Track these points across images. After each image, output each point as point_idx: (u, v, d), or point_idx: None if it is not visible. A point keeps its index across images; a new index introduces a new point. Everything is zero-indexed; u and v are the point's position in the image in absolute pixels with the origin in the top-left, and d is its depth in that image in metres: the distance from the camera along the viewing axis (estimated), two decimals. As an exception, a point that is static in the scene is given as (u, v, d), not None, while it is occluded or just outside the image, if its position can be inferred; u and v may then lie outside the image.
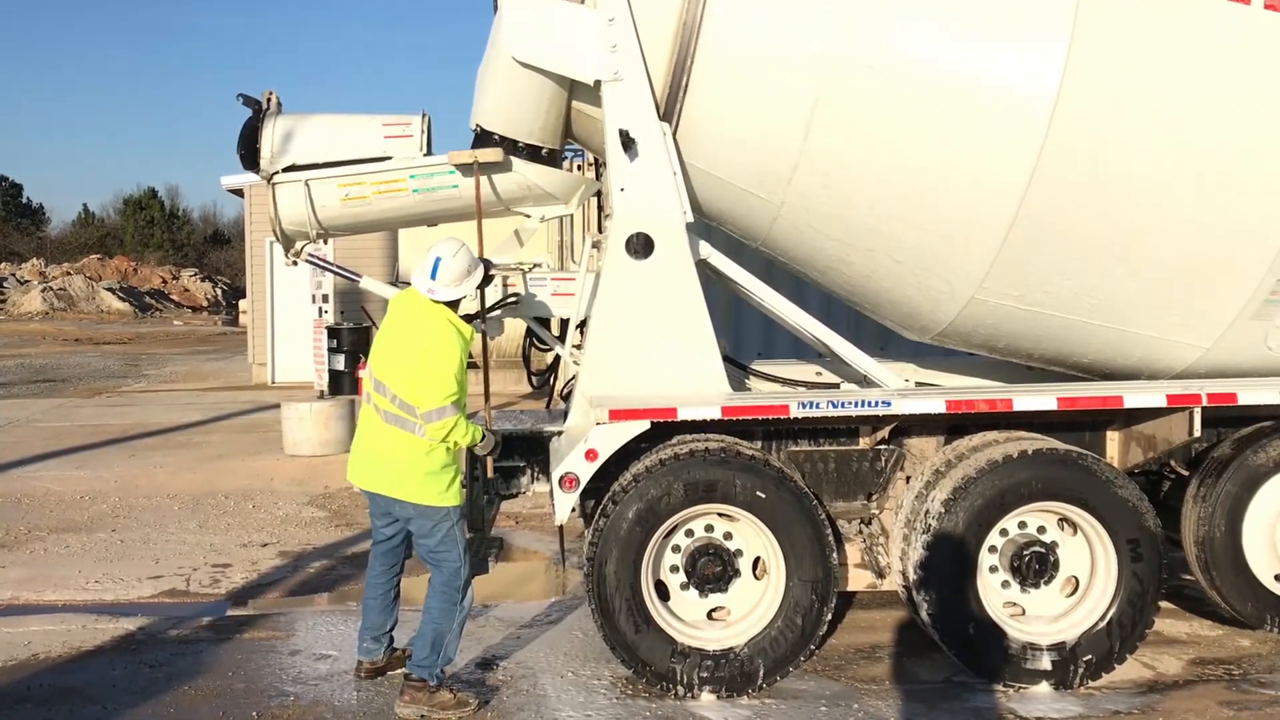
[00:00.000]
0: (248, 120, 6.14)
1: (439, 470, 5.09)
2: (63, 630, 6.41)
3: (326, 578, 7.65)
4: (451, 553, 5.16)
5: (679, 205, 5.59)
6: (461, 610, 5.20)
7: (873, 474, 5.81)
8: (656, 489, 5.24)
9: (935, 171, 5.33)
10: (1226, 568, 5.78)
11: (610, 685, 5.50)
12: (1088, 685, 5.45)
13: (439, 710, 5.09)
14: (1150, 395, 5.53)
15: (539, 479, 6.04)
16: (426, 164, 6.06)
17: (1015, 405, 5.47)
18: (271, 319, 19.29)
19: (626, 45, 5.47)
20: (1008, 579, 5.54)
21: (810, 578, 5.32)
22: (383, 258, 18.05)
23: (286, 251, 6.41)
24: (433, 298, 5.15)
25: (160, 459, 12.09)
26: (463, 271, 5.17)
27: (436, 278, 5.13)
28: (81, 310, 40.94)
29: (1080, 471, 5.40)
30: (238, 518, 9.39)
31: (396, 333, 5.21)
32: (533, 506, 9.10)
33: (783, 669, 5.37)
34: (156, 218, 59.37)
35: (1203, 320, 5.68)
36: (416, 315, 5.17)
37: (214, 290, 48.52)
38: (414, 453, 5.08)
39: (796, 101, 5.33)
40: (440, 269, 5.13)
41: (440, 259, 5.14)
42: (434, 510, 5.11)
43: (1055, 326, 5.76)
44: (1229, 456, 5.80)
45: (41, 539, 8.67)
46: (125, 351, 28.38)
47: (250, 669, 5.78)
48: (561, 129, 6.07)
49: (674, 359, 5.62)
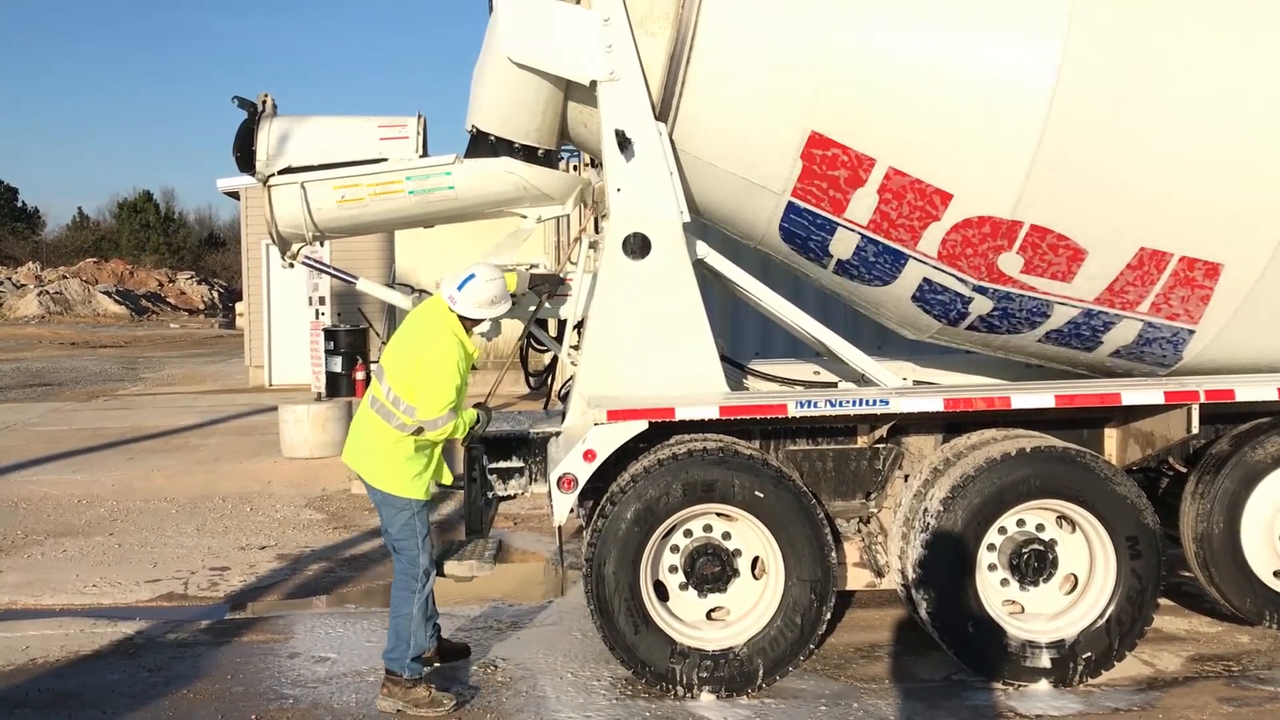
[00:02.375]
0: (243, 122, 6.14)
1: (404, 461, 5.25)
2: (61, 634, 6.41)
3: (325, 580, 7.64)
4: (410, 542, 5.30)
5: (676, 205, 5.59)
6: (419, 598, 5.29)
7: (871, 473, 5.81)
8: (655, 489, 5.24)
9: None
10: (1225, 564, 5.78)
11: (610, 686, 5.50)
12: (1087, 682, 5.45)
13: (413, 706, 5.19)
14: (1148, 392, 5.54)
15: (537, 479, 6.04)
16: (422, 165, 6.06)
17: (1013, 403, 5.47)
18: (268, 321, 19.28)
19: (622, 45, 5.47)
20: (1007, 577, 5.54)
21: (809, 577, 5.32)
22: (379, 260, 18.05)
23: (283, 254, 6.42)
24: (451, 306, 5.32)
25: (157, 462, 12.07)
26: (488, 298, 5.34)
27: (463, 290, 5.31)
28: (77, 314, 40.89)
29: (1079, 469, 5.40)
30: (235, 520, 9.38)
31: (408, 331, 5.43)
32: (531, 507, 9.10)
33: (782, 668, 5.37)
34: (152, 221, 59.25)
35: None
36: (428, 320, 5.37)
37: (210, 293, 48.49)
38: (385, 441, 5.26)
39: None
40: (469, 286, 5.31)
41: (474, 277, 5.33)
42: (397, 499, 5.26)
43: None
44: (1227, 453, 5.80)
45: (39, 543, 8.66)
46: (122, 355, 28.35)
47: (249, 672, 5.78)
48: (557, 129, 6.07)
49: (671, 359, 5.62)
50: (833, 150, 5.35)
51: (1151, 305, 5.52)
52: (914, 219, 5.40)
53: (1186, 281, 5.43)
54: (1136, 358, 5.86)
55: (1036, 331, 5.78)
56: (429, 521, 5.41)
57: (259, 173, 6.08)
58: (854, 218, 5.48)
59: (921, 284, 5.65)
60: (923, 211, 5.37)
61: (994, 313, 5.69)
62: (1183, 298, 5.49)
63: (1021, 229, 5.31)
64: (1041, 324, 5.71)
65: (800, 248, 5.82)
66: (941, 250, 5.44)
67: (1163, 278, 5.42)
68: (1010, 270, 5.45)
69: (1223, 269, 5.40)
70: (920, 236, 5.44)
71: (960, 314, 5.75)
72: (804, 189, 5.48)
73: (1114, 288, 5.46)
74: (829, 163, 5.38)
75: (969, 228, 5.35)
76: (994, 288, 5.54)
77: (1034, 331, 5.78)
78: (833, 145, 5.34)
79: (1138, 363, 5.92)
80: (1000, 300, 5.59)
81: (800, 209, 5.56)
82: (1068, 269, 5.41)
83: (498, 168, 6.00)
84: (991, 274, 5.47)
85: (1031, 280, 5.48)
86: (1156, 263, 5.38)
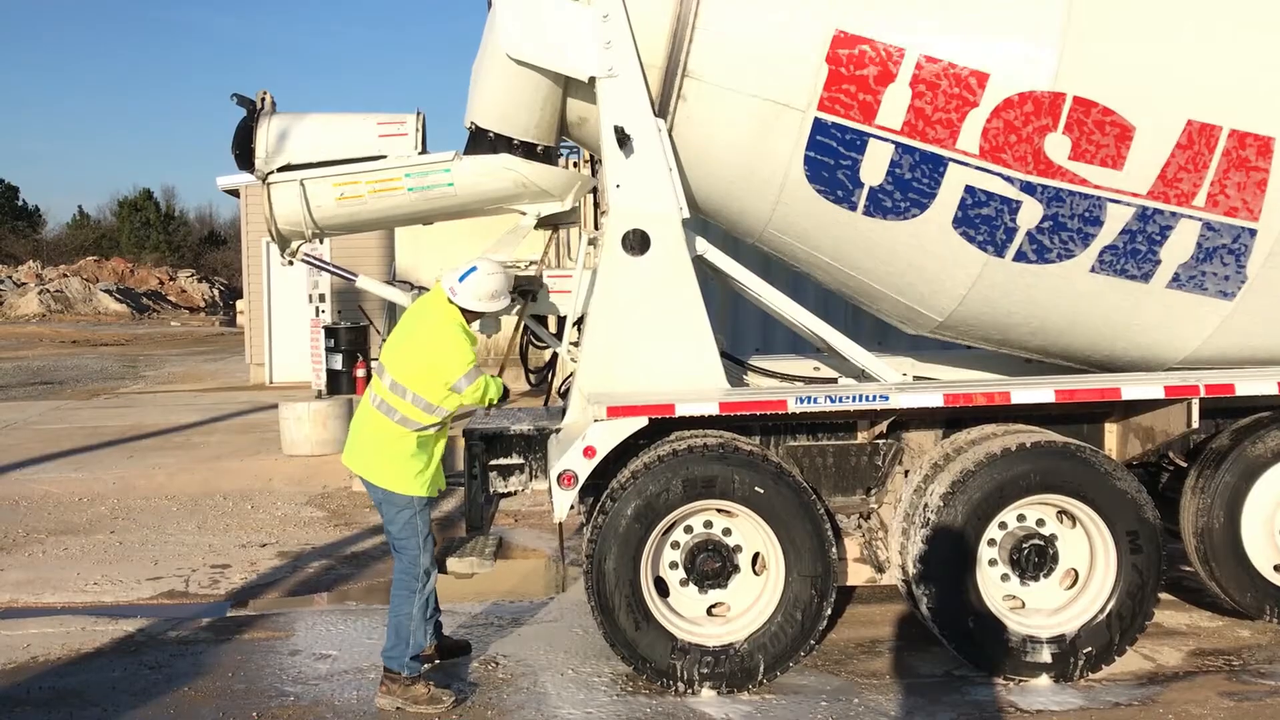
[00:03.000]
0: (242, 120, 6.13)
1: (407, 458, 5.23)
2: (62, 632, 6.41)
3: (325, 577, 7.64)
4: (411, 540, 5.29)
5: (675, 201, 5.59)
6: (419, 597, 5.29)
7: (871, 468, 5.81)
8: (655, 485, 5.24)
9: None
10: (1225, 558, 5.78)
11: (611, 682, 5.50)
12: (1088, 677, 5.45)
13: (412, 704, 5.19)
14: (1148, 387, 5.53)
15: (537, 476, 6.04)
16: (422, 162, 6.06)
17: (1013, 398, 5.47)
18: (269, 319, 19.28)
19: (621, 42, 5.46)
20: (1007, 572, 5.53)
21: (809, 573, 5.32)
22: (379, 257, 18.04)
23: (282, 251, 6.42)
24: (451, 297, 5.31)
25: (158, 460, 12.08)
26: (489, 292, 5.34)
27: (464, 283, 5.31)
28: (78, 312, 40.89)
29: (1079, 464, 5.40)
30: (236, 518, 9.38)
31: (408, 323, 5.43)
32: (532, 504, 9.10)
33: (783, 664, 5.37)
34: (152, 219, 59.25)
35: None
36: (429, 311, 5.37)
37: (211, 291, 48.47)
38: (387, 438, 5.25)
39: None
40: (471, 279, 5.31)
41: (476, 270, 5.33)
42: (398, 497, 5.26)
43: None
44: (1227, 447, 5.80)
45: (40, 541, 8.67)
46: (123, 353, 28.35)
47: (250, 669, 5.78)
48: (557, 126, 6.06)
49: (671, 355, 5.62)
50: (859, 47, 5.22)
51: (1208, 198, 5.37)
52: (951, 110, 5.25)
53: (1240, 164, 5.32)
54: (1198, 285, 5.61)
55: (1090, 251, 5.49)
56: (430, 521, 5.41)
57: (258, 170, 6.08)
58: (886, 123, 5.31)
59: (963, 198, 5.40)
60: (959, 100, 5.23)
61: (1044, 225, 5.43)
62: (1238, 184, 5.36)
63: (1065, 102, 5.19)
64: (1094, 237, 5.46)
65: (828, 184, 5.51)
66: (983, 144, 5.28)
67: (1214, 159, 5.31)
68: (1058, 156, 5.28)
69: (1275, 144, 5.32)
70: (959, 131, 5.28)
71: (1008, 233, 5.47)
72: (831, 98, 5.30)
73: (1166, 175, 5.32)
74: (856, 61, 5.24)
75: (1010, 109, 5.22)
76: (1042, 184, 5.33)
77: (1086, 251, 5.49)
78: (859, 41, 5.22)
79: (1199, 293, 5.64)
80: (1050, 204, 5.38)
81: (827, 126, 5.36)
82: (1117, 151, 5.28)
83: (497, 164, 6.00)
84: (1039, 164, 5.29)
85: (1081, 169, 5.30)
86: (1206, 140, 5.28)
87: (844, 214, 5.59)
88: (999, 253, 5.53)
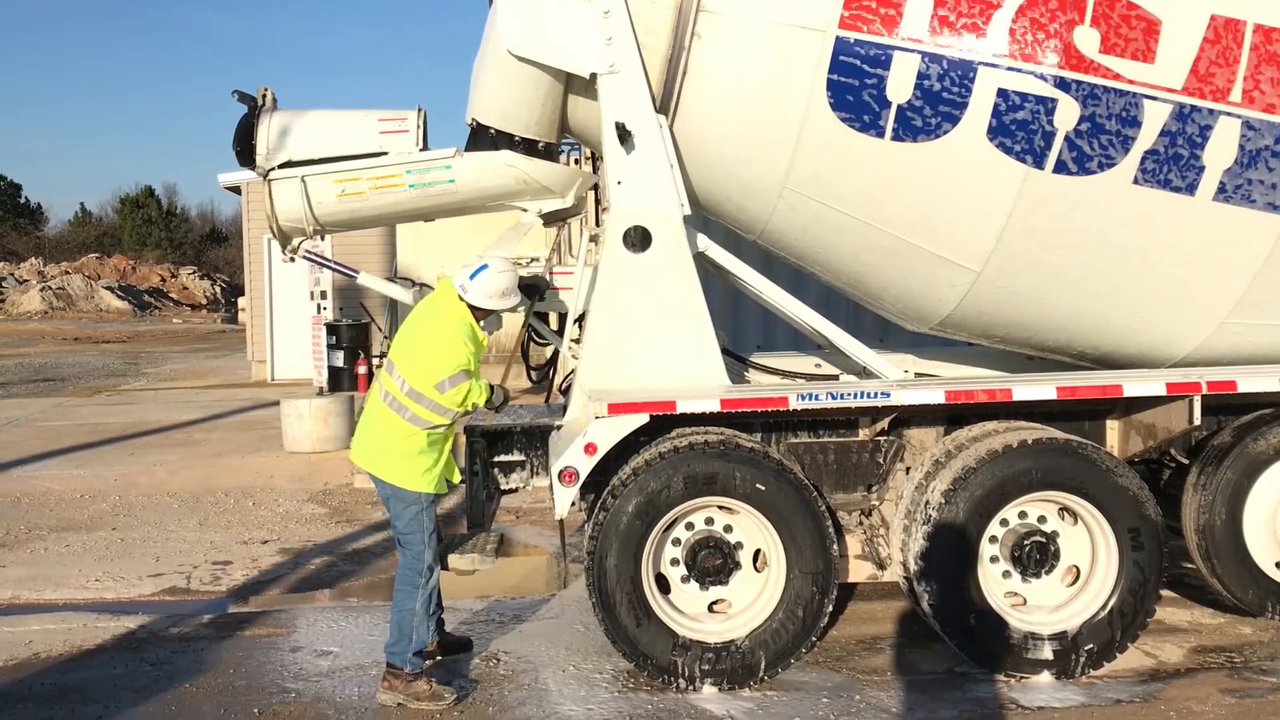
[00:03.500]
0: (243, 117, 6.14)
1: (416, 454, 5.23)
2: (64, 629, 6.41)
3: (327, 574, 7.65)
4: (416, 537, 5.29)
5: (676, 198, 5.58)
6: (422, 593, 5.29)
7: (873, 465, 5.80)
8: (656, 482, 5.24)
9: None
10: (1227, 555, 5.77)
11: (612, 679, 5.50)
12: (1089, 674, 5.45)
13: (414, 700, 5.19)
14: (1150, 384, 5.53)
15: (539, 473, 6.04)
16: (423, 159, 6.06)
17: (1015, 395, 5.46)
18: (270, 316, 19.29)
19: (622, 38, 5.46)
20: (1008, 569, 5.53)
21: (811, 570, 5.32)
22: (381, 253, 18.05)
23: (284, 248, 6.41)
24: (462, 294, 5.31)
25: (160, 457, 12.08)
26: (499, 290, 5.34)
27: (475, 280, 5.30)
28: (80, 309, 40.91)
29: (1080, 461, 5.39)
30: (238, 515, 9.39)
31: (417, 318, 5.43)
32: (533, 501, 9.10)
33: (784, 661, 5.37)
34: (154, 216, 59.28)
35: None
36: (438, 307, 5.37)
37: (213, 288, 48.50)
38: (397, 435, 5.25)
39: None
40: (481, 276, 5.30)
41: (487, 267, 5.31)
42: (406, 493, 5.25)
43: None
44: (1229, 444, 5.79)
45: (42, 538, 8.67)
46: (124, 350, 28.37)
47: (251, 666, 5.78)
48: (558, 123, 6.06)
49: (672, 352, 5.61)
50: None
51: (1243, 94, 5.31)
52: (975, 13, 5.20)
53: (1270, 58, 5.28)
54: (1245, 195, 5.46)
55: (1131, 158, 5.35)
56: (436, 518, 5.40)
57: (259, 167, 6.08)
58: (910, 33, 5.23)
59: (996, 104, 5.26)
60: (983, 2, 5.21)
61: (1081, 127, 5.29)
62: (1271, 79, 5.32)
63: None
64: (1134, 140, 5.32)
65: (853, 110, 5.34)
66: (1012, 44, 5.22)
67: (1244, 54, 5.27)
68: (1089, 49, 5.20)
69: None
70: (985, 34, 5.22)
71: (1046, 138, 5.31)
72: (852, 15, 5.20)
73: (1199, 70, 5.27)
74: None
75: (1034, 7, 5.18)
76: (1076, 79, 5.22)
77: (1128, 159, 5.35)
78: None
79: (1248, 206, 5.49)
80: (1087, 102, 5.26)
81: (850, 45, 5.23)
82: (1146, 45, 5.23)
83: (498, 161, 6.00)
84: (1070, 58, 5.21)
85: (1114, 63, 5.23)
86: (1233, 34, 5.26)
87: (871, 145, 5.40)
88: (1038, 163, 5.36)
